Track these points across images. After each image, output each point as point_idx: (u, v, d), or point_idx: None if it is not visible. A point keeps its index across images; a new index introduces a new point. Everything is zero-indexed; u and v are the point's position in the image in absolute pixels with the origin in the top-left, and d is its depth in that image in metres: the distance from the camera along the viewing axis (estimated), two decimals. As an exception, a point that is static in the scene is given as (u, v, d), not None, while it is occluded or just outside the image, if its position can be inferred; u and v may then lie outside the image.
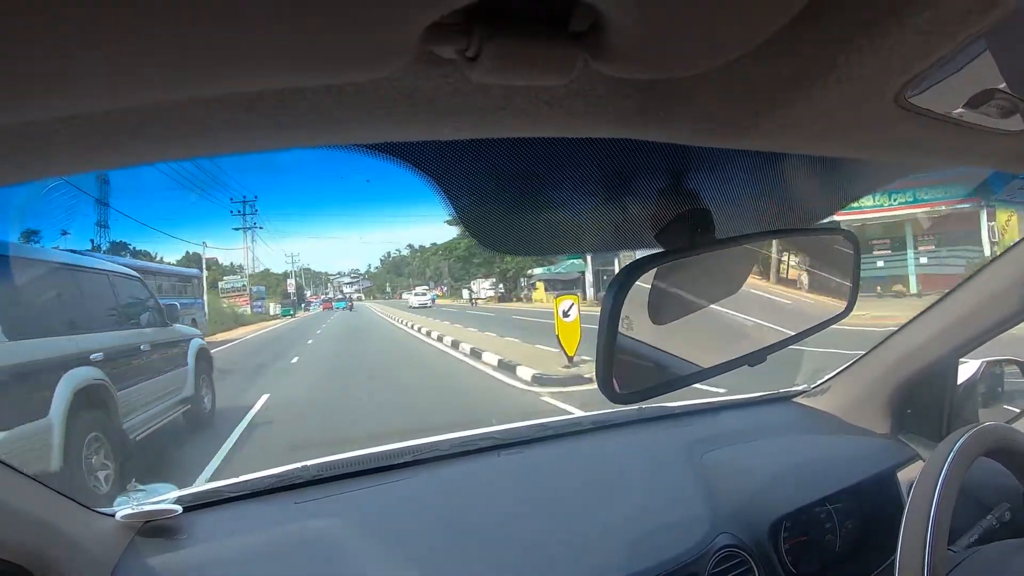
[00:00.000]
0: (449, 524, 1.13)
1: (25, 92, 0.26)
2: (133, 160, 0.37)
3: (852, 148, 0.50)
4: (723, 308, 0.74)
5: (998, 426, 1.05)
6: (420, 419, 5.41)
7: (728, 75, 0.35)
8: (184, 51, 0.25)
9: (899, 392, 1.50)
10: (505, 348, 9.84)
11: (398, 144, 0.49)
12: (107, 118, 0.30)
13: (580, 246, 0.77)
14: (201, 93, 0.30)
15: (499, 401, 6.51)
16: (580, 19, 0.29)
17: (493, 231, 0.68)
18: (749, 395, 1.78)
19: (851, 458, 1.44)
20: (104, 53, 0.24)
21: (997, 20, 0.31)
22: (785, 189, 0.71)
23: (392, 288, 45.60)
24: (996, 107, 0.42)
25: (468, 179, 0.58)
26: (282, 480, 1.19)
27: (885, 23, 0.31)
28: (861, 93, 0.37)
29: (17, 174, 0.35)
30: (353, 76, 0.30)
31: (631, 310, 0.60)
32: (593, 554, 1.09)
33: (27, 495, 0.89)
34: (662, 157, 0.61)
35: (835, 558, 1.33)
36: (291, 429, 5.46)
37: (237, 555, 1.01)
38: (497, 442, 1.38)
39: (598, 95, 0.37)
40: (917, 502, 0.92)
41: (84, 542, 0.93)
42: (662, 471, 1.35)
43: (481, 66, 0.30)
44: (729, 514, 1.21)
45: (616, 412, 1.59)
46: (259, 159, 31.05)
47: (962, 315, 1.35)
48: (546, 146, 0.56)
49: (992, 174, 10.10)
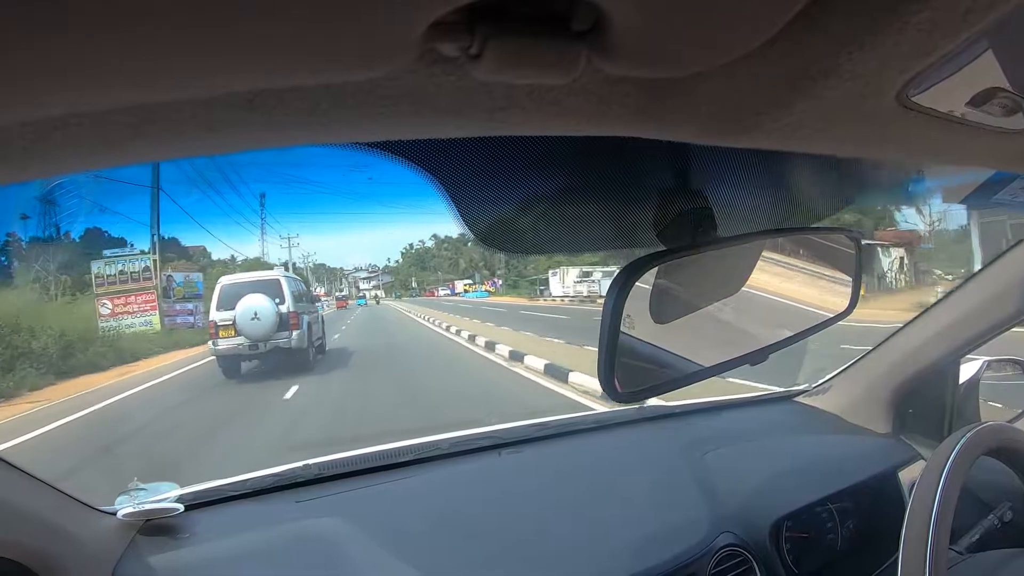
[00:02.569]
0: (450, 523, 1.13)
1: (25, 92, 0.26)
2: (134, 159, 0.37)
3: (854, 147, 0.50)
4: (725, 307, 0.74)
5: (1000, 425, 1.05)
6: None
7: (730, 74, 0.35)
8: (185, 50, 0.25)
9: (900, 392, 1.49)
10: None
11: (400, 143, 0.49)
12: (108, 117, 0.30)
13: (582, 245, 0.77)
14: (202, 92, 0.30)
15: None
16: (583, 18, 0.29)
17: (493, 230, 0.68)
18: (750, 394, 1.78)
19: (853, 458, 1.43)
20: (104, 53, 0.24)
21: (999, 18, 0.31)
22: (787, 188, 0.71)
23: (419, 284, 38.52)
24: (998, 106, 0.42)
25: (469, 178, 0.58)
26: (283, 479, 1.19)
27: (887, 21, 0.31)
28: (863, 92, 0.37)
29: (17, 174, 0.36)
30: (355, 74, 0.30)
31: (633, 309, 0.60)
32: (594, 553, 1.09)
33: (29, 494, 0.89)
34: (664, 156, 0.61)
35: (836, 558, 1.33)
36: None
37: (238, 554, 1.01)
38: (498, 441, 1.38)
39: (601, 94, 0.37)
40: (919, 502, 0.92)
41: (85, 541, 0.93)
42: (663, 470, 1.35)
43: (484, 64, 0.30)
44: (730, 513, 1.21)
45: (617, 411, 1.60)
46: (267, 152, 28.66)
47: (963, 315, 1.35)
48: (548, 144, 0.56)
49: (994, 174, 10.04)
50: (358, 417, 6.21)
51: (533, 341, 10.52)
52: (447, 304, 27.00)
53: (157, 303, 14.46)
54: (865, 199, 7.73)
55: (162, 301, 14.88)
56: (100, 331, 13.31)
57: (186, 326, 15.15)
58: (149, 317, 14.35)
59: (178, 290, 15.57)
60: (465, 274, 33.99)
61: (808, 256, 0.80)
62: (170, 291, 15.41)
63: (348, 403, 6.94)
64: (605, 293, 0.60)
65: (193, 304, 15.48)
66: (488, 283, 31.38)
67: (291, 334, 9.69)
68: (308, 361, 9.96)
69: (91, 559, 0.92)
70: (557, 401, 6.03)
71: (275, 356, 9.66)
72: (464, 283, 33.13)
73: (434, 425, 4.75)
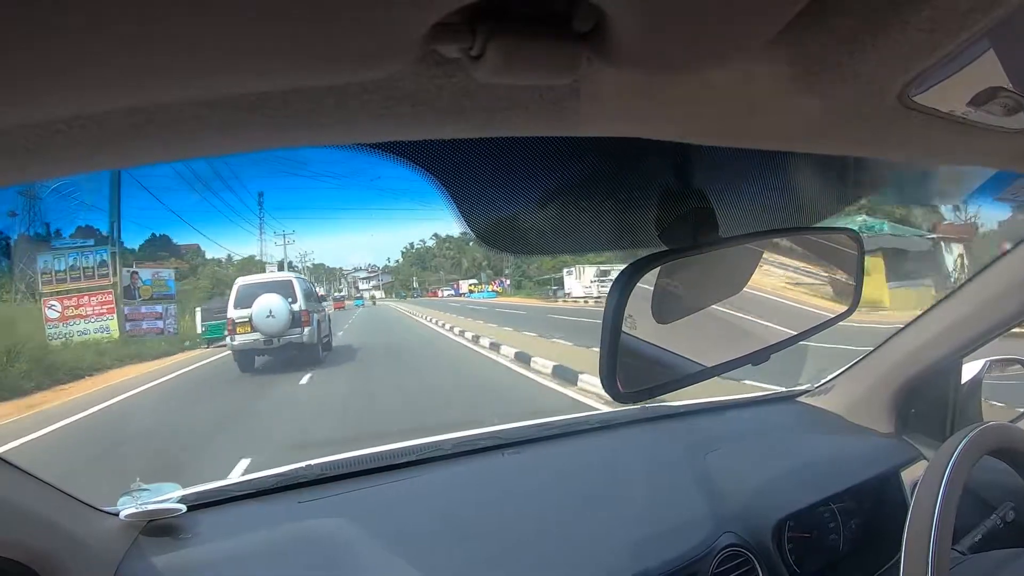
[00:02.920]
0: (452, 523, 1.13)
1: (27, 93, 0.26)
2: (136, 160, 0.37)
3: (856, 146, 0.50)
4: (726, 307, 0.74)
5: (1002, 425, 1.05)
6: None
7: (731, 74, 0.35)
8: (187, 52, 0.25)
9: (903, 391, 1.49)
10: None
11: (402, 143, 0.49)
12: (110, 118, 0.31)
13: (584, 245, 0.77)
14: (204, 94, 0.30)
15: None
16: (584, 19, 0.29)
17: (495, 230, 0.68)
18: (752, 394, 1.78)
19: (855, 458, 1.43)
20: (106, 54, 0.24)
21: (1000, 18, 0.31)
22: (789, 188, 0.71)
23: (421, 284, 37.40)
24: (1000, 105, 0.42)
25: (471, 178, 0.58)
26: (285, 479, 1.20)
27: (888, 21, 0.31)
28: (864, 92, 0.37)
29: (18, 174, 0.36)
30: (357, 76, 0.30)
31: (635, 309, 0.60)
32: (597, 553, 1.09)
33: (32, 494, 0.89)
34: (666, 156, 0.61)
35: (839, 558, 1.33)
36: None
37: (240, 554, 1.01)
38: (500, 441, 1.38)
39: (602, 94, 0.37)
40: (921, 502, 0.92)
41: (88, 541, 0.93)
42: (665, 470, 1.35)
43: (486, 65, 0.30)
44: (733, 513, 1.21)
45: (619, 411, 1.59)
46: (266, 154, 27.81)
47: (966, 314, 1.34)
48: (550, 145, 0.56)
49: (995, 173, 9.98)
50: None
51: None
52: (455, 305, 25.21)
53: (116, 304, 11.64)
54: (873, 198, 7.63)
55: (122, 302, 12.15)
56: (48, 338, 10.71)
57: (154, 333, 12.62)
58: (106, 322, 11.54)
59: (145, 289, 13.02)
60: (468, 274, 33.17)
61: (810, 256, 0.80)
62: (134, 291, 12.87)
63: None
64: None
65: (163, 306, 12.91)
66: (495, 283, 30.10)
67: (303, 330, 10.60)
68: (317, 355, 10.83)
69: (94, 559, 0.92)
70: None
71: (287, 350, 10.52)
72: (469, 283, 32.19)
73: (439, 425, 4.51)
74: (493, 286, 29.60)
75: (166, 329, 12.95)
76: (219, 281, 19.78)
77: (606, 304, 0.59)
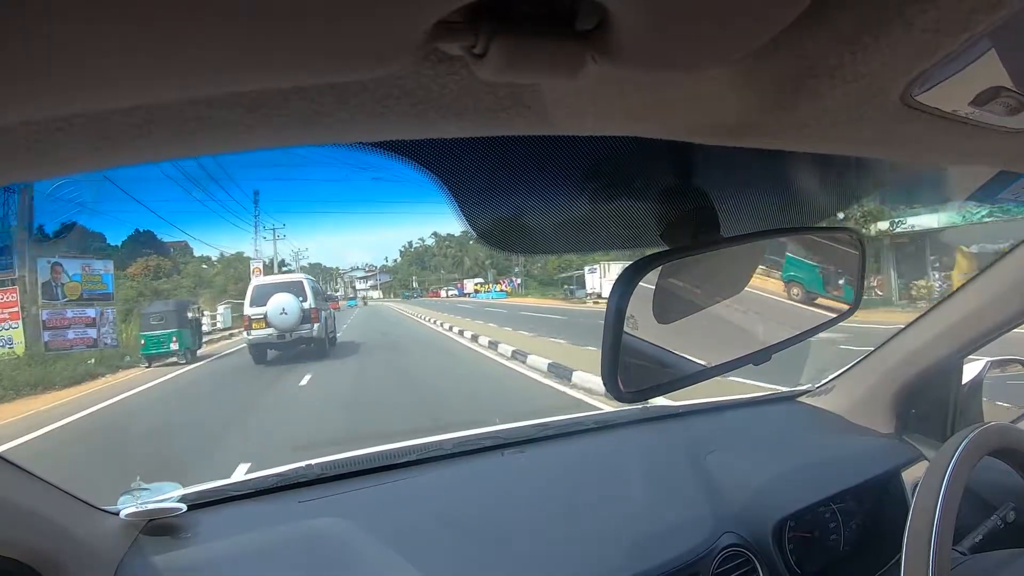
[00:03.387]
0: (452, 523, 1.13)
1: (27, 92, 0.26)
2: (135, 159, 0.37)
3: (858, 147, 0.49)
4: (728, 306, 0.74)
5: (1003, 425, 1.05)
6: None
7: (734, 73, 0.35)
8: (187, 50, 0.25)
9: (903, 392, 1.49)
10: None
11: (403, 142, 0.49)
12: (109, 117, 0.30)
13: (585, 244, 0.77)
14: (204, 92, 0.30)
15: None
16: (587, 17, 0.29)
17: (496, 229, 0.68)
18: (752, 395, 1.78)
19: (855, 458, 1.43)
20: (105, 53, 0.24)
21: (1003, 18, 0.31)
22: (791, 188, 0.71)
23: (421, 283, 36.41)
24: (1002, 105, 0.42)
25: (473, 177, 0.58)
26: (286, 479, 1.20)
27: (890, 21, 0.31)
28: (867, 91, 0.37)
29: (18, 174, 0.36)
30: (359, 74, 0.30)
31: (636, 309, 0.60)
32: (597, 553, 1.09)
33: (32, 493, 0.89)
34: (668, 155, 0.61)
35: (839, 558, 1.33)
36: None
37: (241, 554, 1.01)
38: (500, 441, 1.38)
39: (605, 93, 0.37)
40: (922, 502, 0.92)
41: (89, 540, 0.93)
42: (666, 470, 1.35)
43: (488, 63, 0.30)
44: (733, 514, 1.21)
45: (620, 411, 1.60)
46: (262, 153, 26.45)
47: (966, 315, 1.34)
48: (552, 144, 0.56)
49: (998, 173, 9.96)
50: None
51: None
52: (466, 307, 22.18)
53: (19, 309, 8.18)
54: (881, 198, 7.66)
55: (37, 305, 8.86)
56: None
57: (84, 345, 9.22)
58: (8, 332, 8.20)
59: (71, 287, 9.66)
60: (471, 273, 31.91)
61: (812, 255, 0.80)
62: (56, 289, 9.57)
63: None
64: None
65: (97, 310, 9.56)
66: (503, 282, 28.06)
67: (312, 326, 12.10)
68: (325, 349, 12.32)
69: (94, 559, 0.92)
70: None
71: (298, 344, 12.00)
72: (474, 283, 31.00)
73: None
74: (502, 285, 27.86)
75: (101, 340, 9.89)
76: (202, 280, 19.61)
77: (607, 304, 0.59)
